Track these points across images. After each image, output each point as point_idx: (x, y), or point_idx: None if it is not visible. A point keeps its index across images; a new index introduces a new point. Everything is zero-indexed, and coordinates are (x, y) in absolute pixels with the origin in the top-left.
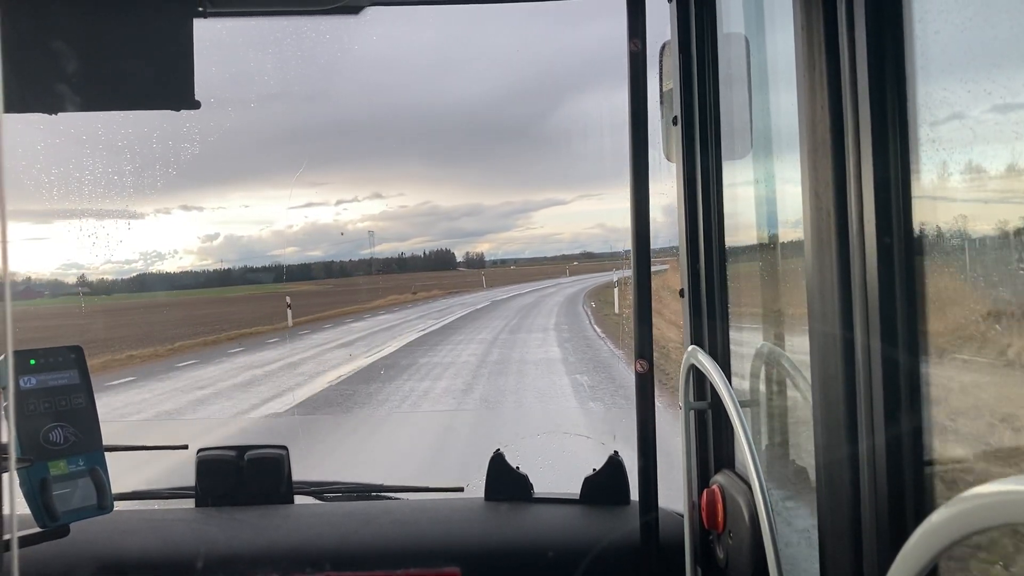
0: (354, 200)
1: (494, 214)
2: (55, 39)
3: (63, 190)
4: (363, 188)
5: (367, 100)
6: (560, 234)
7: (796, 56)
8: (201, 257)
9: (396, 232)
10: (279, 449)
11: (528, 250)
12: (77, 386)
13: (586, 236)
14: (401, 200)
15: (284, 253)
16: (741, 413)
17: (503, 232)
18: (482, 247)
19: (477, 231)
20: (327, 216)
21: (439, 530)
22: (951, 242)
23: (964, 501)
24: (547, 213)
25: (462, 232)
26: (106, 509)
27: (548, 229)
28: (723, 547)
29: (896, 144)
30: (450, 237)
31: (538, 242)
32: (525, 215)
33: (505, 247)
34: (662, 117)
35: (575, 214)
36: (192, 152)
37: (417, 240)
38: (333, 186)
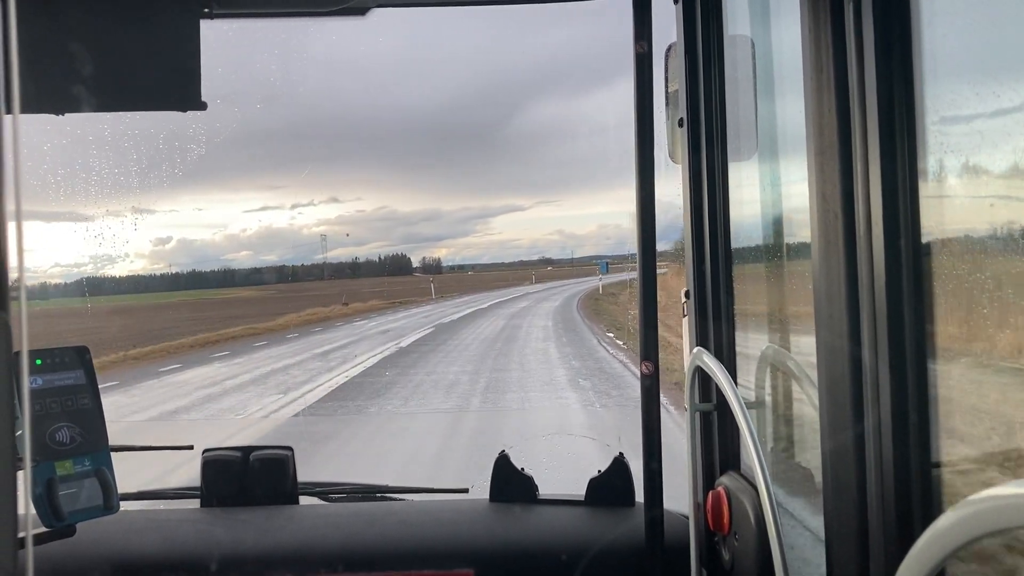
0: (310, 204)
1: (452, 219)
2: (62, 40)
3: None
4: (320, 192)
5: (324, 103)
6: (519, 240)
7: (803, 58)
8: (152, 261)
9: (354, 237)
10: (284, 450)
11: (487, 256)
12: (83, 386)
13: (545, 242)
14: (359, 204)
15: (237, 257)
16: (747, 415)
17: (462, 238)
18: (440, 252)
19: (435, 236)
20: (282, 220)
21: (445, 532)
22: (958, 245)
23: (972, 504)
24: (506, 219)
25: (420, 237)
26: (112, 509)
27: (507, 235)
28: (729, 549)
29: (904, 146)
30: (408, 242)
31: (496, 248)
32: (484, 221)
33: (464, 252)
34: (668, 119)
35: (534, 220)
36: (148, 155)
37: (375, 245)
38: (289, 190)
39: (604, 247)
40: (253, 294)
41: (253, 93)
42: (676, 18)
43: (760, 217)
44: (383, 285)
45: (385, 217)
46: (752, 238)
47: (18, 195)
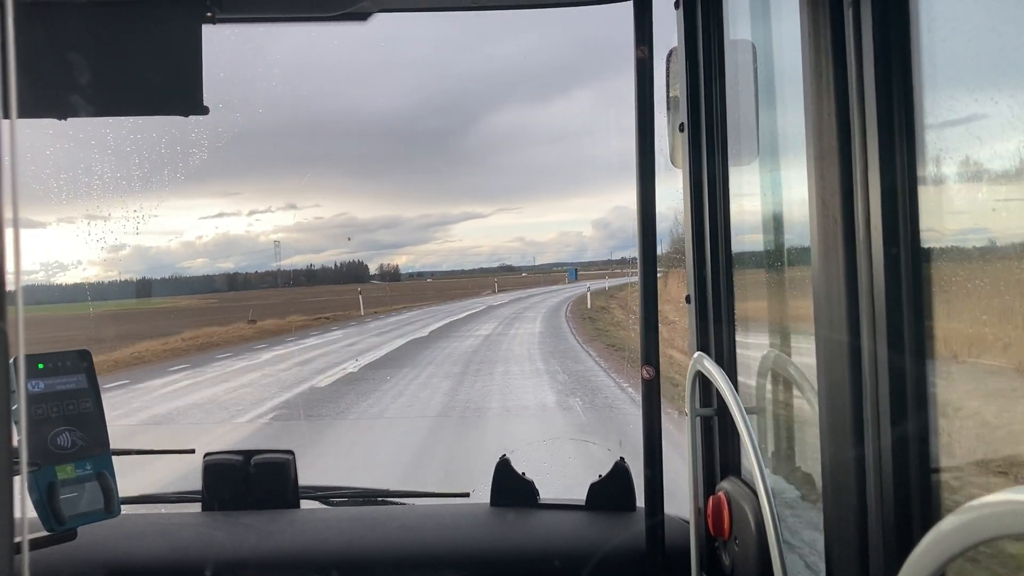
0: (267, 211)
1: (412, 227)
2: (64, 45)
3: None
4: (277, 198)
5: (282, 110)
6: (479, 247)
7: (803, 63)
8: (105, 269)
9: (311, 244)
10: (285, 454)
11: (446, 263)
12: (85, 390)
13: (505, 250)
14: (317, 211)
15: (193, 264)
16: (747, 420)
17: (421, 245)
18: (400, 259)
19: (395, 243)
20: (239, 227)
21: (446, 536)
22: (958, 249)
23: (972, 510)
24: (466, 226)
25: (379, 244)
26: (113, 513)
27: (467, 242)
28: (729, 554)
29: (903, 151)
30: (368, 249)
31: (457, 255)
32: (443, 228)
33: (423, 260)
34: (668, 123)
35: (494, 227)
36: (100, 159)
37: (332, 252)
38: (246, 196)
39: (565, 254)
40: (194, 303)
41: (208, 99)
42: (677, 22)
43: (761, 222)
44: (321, 295)
45: (344, 224)
46: (753, 243)
47: (15, 201)
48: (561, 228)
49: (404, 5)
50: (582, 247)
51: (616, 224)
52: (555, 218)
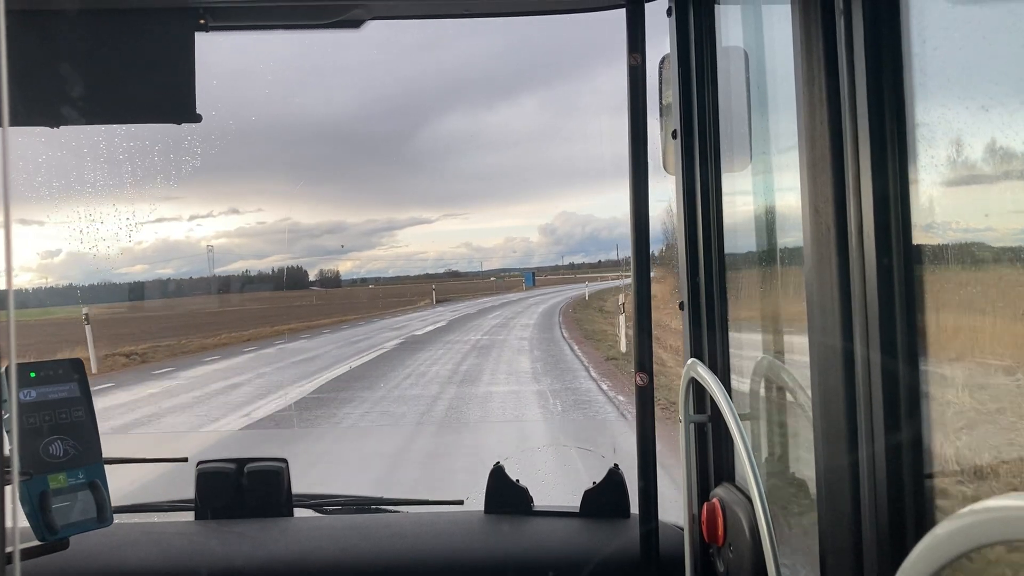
0: (209, 215)
1: (357, 232)
2: (57, 53)
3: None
4: (219, 203)
5: (223, 112)
6: (425, 253)
7: (795, 70)
8: (40, 275)
9: (254, 249)
10: (279, 462)
11: (392, 269)
12: (77, 399)
13: (452, 255)
14: (259, 216)
15: (132, 271)
16: (741, 426)
17: (367, 250)
18: (345, 265)
19: (339, 249)
20: (180, 232)
21: (440, 543)
22: (950, 255)
23: (966, 516)
24: (412, 232)
25: (324, 250)
26: (106, 522)
27: (413, 248)
28: (723, 561)
29: (895, 158)
30: (312, 255)
31: (403, 261)
32: (389, 233)
33: (369, 265)
34: (661, 130)
35: (440, 233)
36: (38, 164)
37: (276, 258)
38: (186, 200)
39: (512, 259)
40: (99, 313)
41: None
42: (669, 30)
43: (754, 228)
44: (233, 307)
45: (288, 229)
46: (746, 249)
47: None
48: (507, 234)
49: (396, 13)
50: (529, 252)
51: (563, 230)
52: (501, 224)
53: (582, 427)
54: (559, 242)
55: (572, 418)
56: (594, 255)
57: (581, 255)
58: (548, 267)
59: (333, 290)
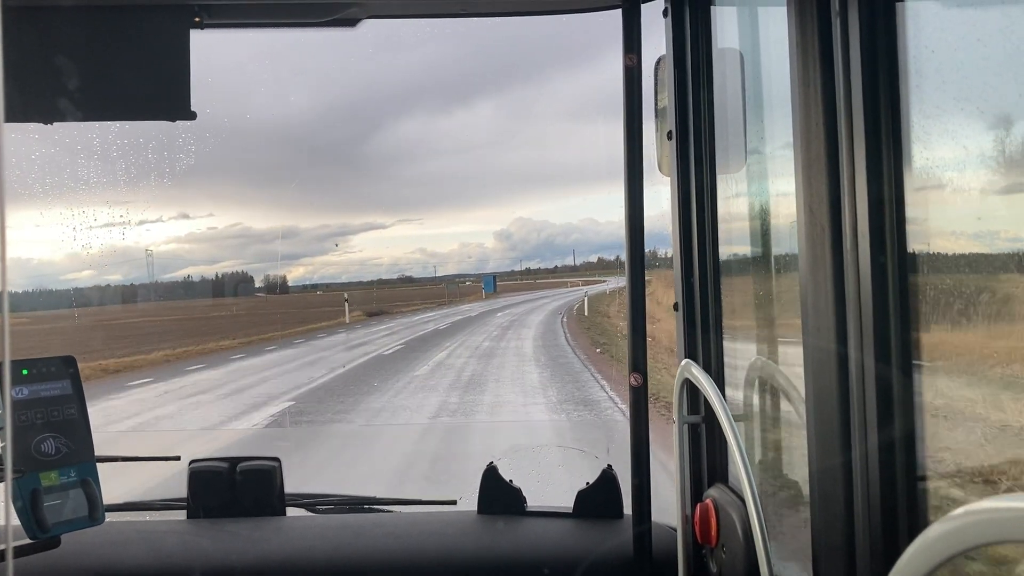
0: (159, 220)
1: (310, 237)
2: (52, 49)
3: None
4: (169, 207)
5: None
6: (379, 259)
7: (791, 72)
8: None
9: (206, 255)
10: (271, 461)
11: (345, 275)
12: (69, 396)
13: (406, 261)
14: (211, 221)
15: (79, 277)
16: (735, 427)
17: (320, 256)
18: (298, 271)
19: (292, 254)
20: (129, 237)
21: (432, 543)
22: (945, 257)
23: (958, 517)
24: (366, 237)
25: (276, 255)
26: (97, 520)
27: (367, 253)
28: (716, 561)
29: (890, 159)
30: (264, 260)
31: (357, 267)
32: (343, 238)
33: (322, 271)
34: (657, 131)
35: (394, 239)
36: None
37: (228, 263)
38: (135, 205)
39: (467, 264)
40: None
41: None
42: (665, 31)
43: (748, 229)
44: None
45: (239, 234)
46: (740, 251)
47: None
48: (462, 240)
49: (392, 11)
50: (484, 258)
51: (518, 235)
52: (457, 229)
53: (576, 427)
54: (514, 248)
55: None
56: (550, 260)
57: (537, 260)
58: (504, 272)
59: (280, 296)
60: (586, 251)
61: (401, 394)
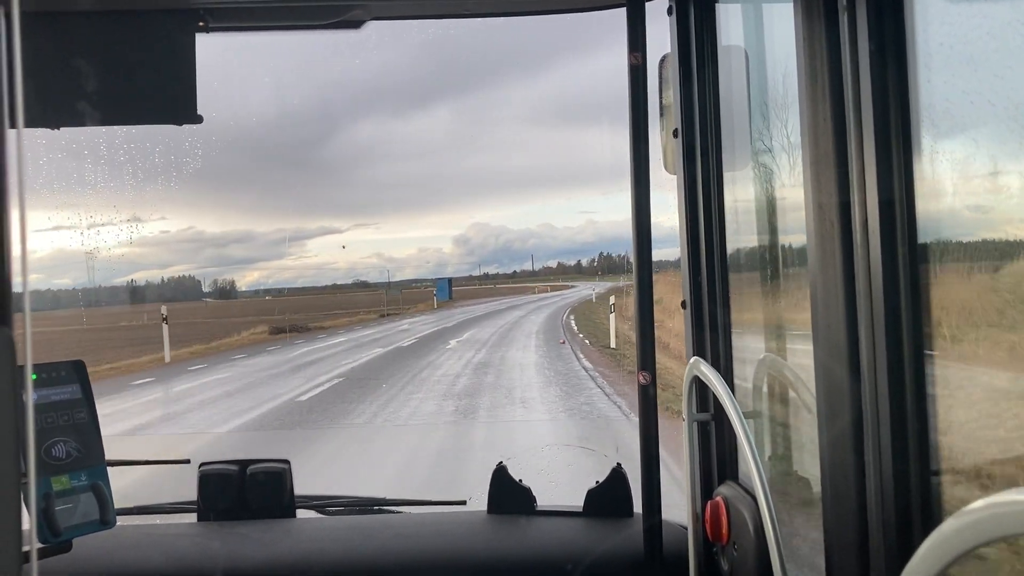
0: (109, 224)
1: (265, 241)
2: (59, 55)
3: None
4: (120, 211)
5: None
6: (335, 263)
7: (798, 68)
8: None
9: (157, 259)
10: (281, 463)
11: (301, 279)
12: (79, 400)
13: (362, 265)
14: (163, 224)
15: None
16: (745, 424)
17: (275, 260)
18: (252, 276)
19: (247, 259)
20: (78, 241)
21: (443, 544)
22: (955, 253)
23: (972, 512)
24: (321, 241)
25: (230, 260)
26: (108, 524)
27: (323, 258)
28: (727, 559)
29: (899, 155)
30: (218, 264)
31: (312, 271)
32: (299, 243)
33: (277, 276)
34: (662, 129)
35: (350, 243)
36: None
37: (180, 267)
38: (85, 208)
39: (425, 270)
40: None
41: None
42: (670, 29)
43: (756, 227)
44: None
45: (193, 238)
46: (748, 248)
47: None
48: (420, 244)
49: (396, 13)
50: (442, 263)
51: (476, 240)
52: (414, 234)
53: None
54: (472, 252)
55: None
56: (508, 266)
57: (495, 266)
58: (463, 277)
59: (227, 303)
60: (544, 256)
61: None
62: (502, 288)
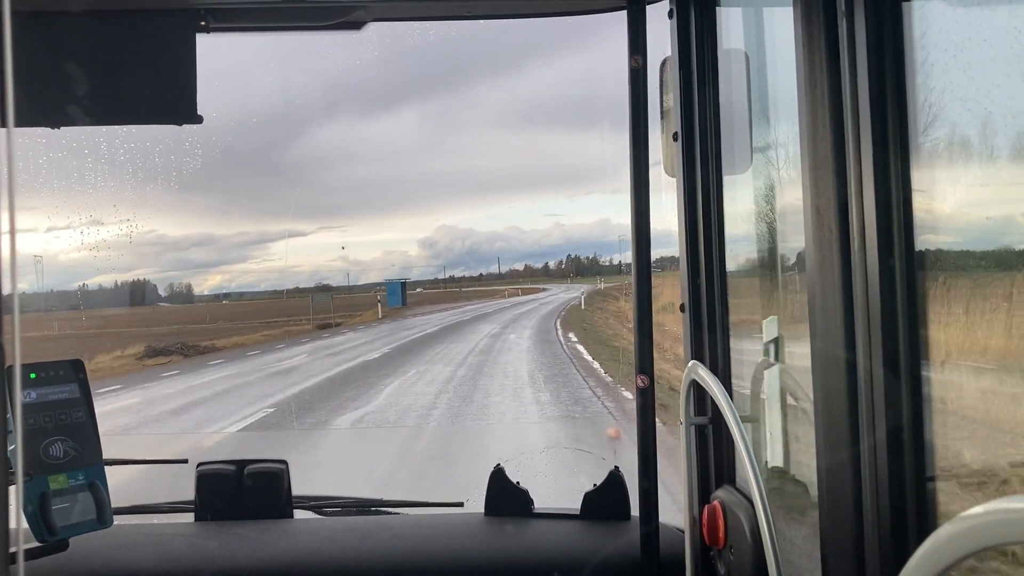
0: (67, 227)
1: (228, 244)
2: (60, 54)
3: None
4: (79, 213)
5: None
6: (300, 267)
7: (798, 72)
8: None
9: (121, 263)
10: (279, 463)
11: (264, 283)
12: (77, 400)
13: (327, 269)
14: (123, 227)
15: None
16: (742, 428)
17: (238, 264)
18: (214, 279)
19: (209, 262)
20: (35, 245)
21: (439, 545)
22: (953, 258)
23: (968, 519)
24: (286, 244)
25: (192, 263)
26: (106, 524)
27: (287, 261)
28: (724, 563)
29: (897, 160)
30: (179, 268)
31: (276, 275)
32: (262, 246)
33: (240, 279)
34: (662, 132)
35: (315, 246)
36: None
37: (142, 271)
38: (43, 211)
39: (390, 272)
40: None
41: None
42: (670, 32)
43: (755, 230)
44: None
45: (154, 242)
46: (746, 251)
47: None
48: (386, 247)
49: (397, 14)
50: (408, 266)
51: (443, 243)
52: (380, 237)
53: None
54: (438, 256)
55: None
56: (475, 269)
57: (461, 268)
58: (428, 280)
59: (182, 307)
60: (511, 259)
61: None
62: (467, 292)
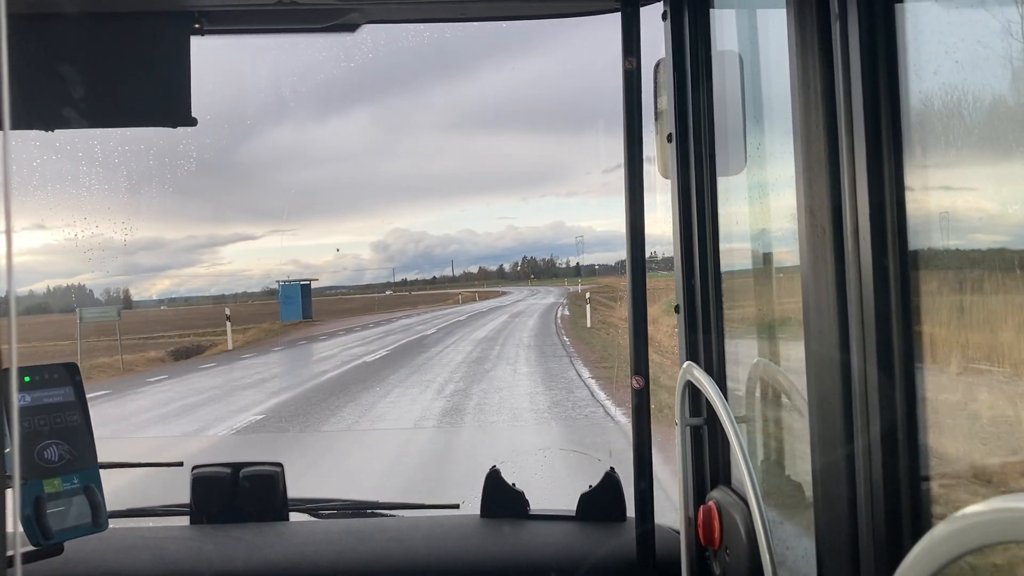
0: (23, 230)
1: (176, 248)
2: (53, 57)
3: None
4: (22, 217)
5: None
6: (250, 271)
7: (791, 74)
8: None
9: (64, 268)
10: (274, 466)
11: (214, 287)
12: (72, 403)
13: (280, 272)
14: (69, 231)
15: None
16: (737, 429)
17: (187, 268)
18: (163, 284)
19: (157, 267)
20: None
21: (436, 547)
22: (946, 258)
23: (962, 518)
24: (236, 248)
25: (139, 268)
26: (100, 527)
27: (237, 265)
28: (720, 564)
29: (891, 161)
30: (126, 273)
31: (226, 279)
32: (211, 250)
33: (189, 284)
34: (656, 134)
35: (266, 250)
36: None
37: (87, 277)
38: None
39: (343, 276)
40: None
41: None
42: (664, 34)
43: (749, 232)
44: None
45: (100, 246)
46: (741, 253)
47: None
48: (340, 250)
49: (391, 17)
50: (361, 269)
51: (395, 246)
52: (332, 240)
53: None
54: (391, 259)
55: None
56: (428, 272)
57: (415, 272)
58: (379, 284)
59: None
60: (465, 262)
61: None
62: (416, 297)
